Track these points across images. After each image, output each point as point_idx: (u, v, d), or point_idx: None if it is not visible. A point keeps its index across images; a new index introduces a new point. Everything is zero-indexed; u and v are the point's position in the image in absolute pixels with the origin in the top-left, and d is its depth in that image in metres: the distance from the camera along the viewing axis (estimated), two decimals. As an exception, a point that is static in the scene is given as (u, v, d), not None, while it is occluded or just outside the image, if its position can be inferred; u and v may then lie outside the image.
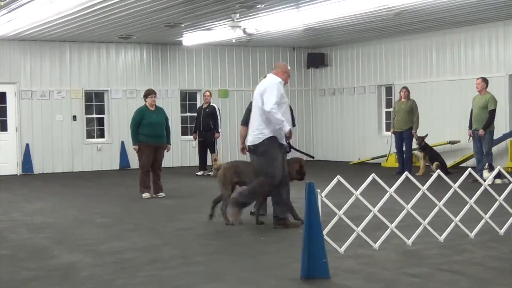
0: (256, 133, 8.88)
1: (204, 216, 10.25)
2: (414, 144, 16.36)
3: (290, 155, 9.51)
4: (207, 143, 17.37)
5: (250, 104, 10.25)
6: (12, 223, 10.03)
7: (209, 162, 17.53)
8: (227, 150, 20.77)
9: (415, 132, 16.13)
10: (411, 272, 6.31)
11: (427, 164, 16.17)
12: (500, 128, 15.90)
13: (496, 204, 8.11)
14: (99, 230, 9.26)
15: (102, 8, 13.98)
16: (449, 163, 16.87)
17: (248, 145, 9.14)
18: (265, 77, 9.27)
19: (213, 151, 17.30)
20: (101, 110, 20.16)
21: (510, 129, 16.83)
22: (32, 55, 19.01)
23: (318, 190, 6.20)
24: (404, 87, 16.68)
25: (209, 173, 17.33)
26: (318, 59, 22.18)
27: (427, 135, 16.28)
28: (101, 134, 20.26)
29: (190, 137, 19.21)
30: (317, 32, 18.21)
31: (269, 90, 8.71)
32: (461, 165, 17.23)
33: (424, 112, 17.56)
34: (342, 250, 7.01)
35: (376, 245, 7.26)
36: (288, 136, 8.88)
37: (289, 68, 9.33)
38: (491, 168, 13.50)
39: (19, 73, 18.90)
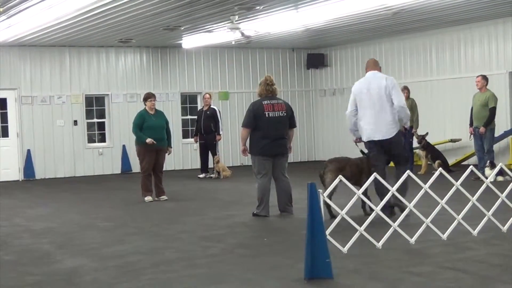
0: (388, 128, 9.46)
1: (206, 218, 10.26)
2: (415, 143, 16.36)
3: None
4: (208, 146, 17.38)
5: (252, 106, 10.23)
6: (15, 228, 10.03)
7: (210, 165, 17.53)
8: (228, 152, 20.78)
9: (415, 131, 16.11)
10: (415, 271, 6.30)
11: (429, 162, 16.17)
12: (501, 125, 15.87)
13: (499, 201, 8.11)
14: (102, 234, 9.25)
15: (101, 13, 13.97)
16: (450, 161, 16.86)
17: (379, 140, 9.47)
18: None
19: (214, 153, 17.30)
20: (101, 115, 20.16)
21: (511, 126, 16.81)
22: (32, 61, 19.02)
23: (320, 191, 6.19)
24: (405, 87, 16.66)
25: (211, 175, 17.34)
26: (318, 60, 22.18)
27: (427, 133, 16.27)
28: (102, 139, 20.26)
29: (191, 139, 19.22)
30: (316, 32, 18.21)
31: (396, 88, 9.52)
32: (463, 163, 17.23)
33: (425, 110, 17.56)
34: (345, 249, 7.00)
35: (379, 244, 7.25)
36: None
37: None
38: (492, 166, 13.49)
39: (19, 78, 18.91)
